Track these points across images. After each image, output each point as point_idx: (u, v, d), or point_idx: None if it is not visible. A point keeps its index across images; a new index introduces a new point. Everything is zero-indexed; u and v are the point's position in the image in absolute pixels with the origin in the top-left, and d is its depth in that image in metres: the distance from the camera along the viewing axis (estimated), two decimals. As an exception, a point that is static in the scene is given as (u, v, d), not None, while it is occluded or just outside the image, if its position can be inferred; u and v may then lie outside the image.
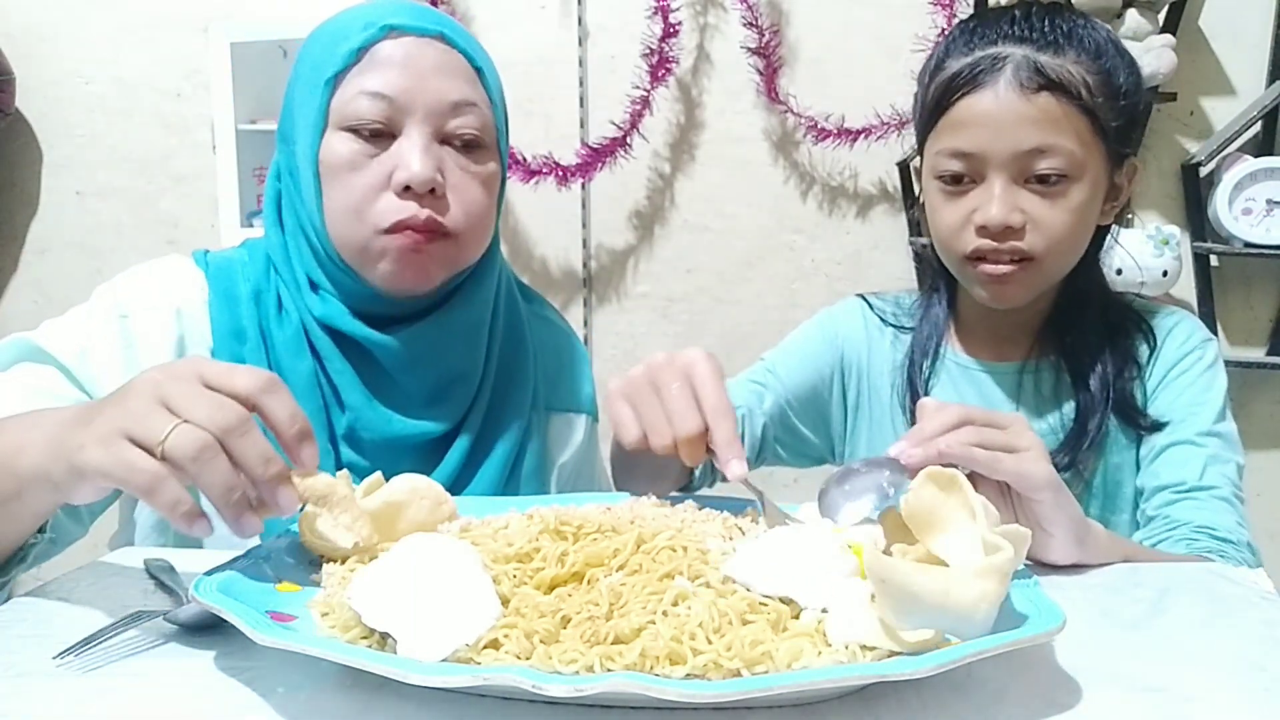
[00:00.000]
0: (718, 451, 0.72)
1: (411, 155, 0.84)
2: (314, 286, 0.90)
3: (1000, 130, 0.91)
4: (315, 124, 0.86)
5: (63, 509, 0.78)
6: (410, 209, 0.84)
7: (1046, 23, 0.92)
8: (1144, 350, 1.01)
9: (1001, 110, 0.91)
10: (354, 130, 0.85)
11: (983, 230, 0.93)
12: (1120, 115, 0.94)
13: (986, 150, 0.92)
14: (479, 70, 0.90)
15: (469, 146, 0.88)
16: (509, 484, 0.94)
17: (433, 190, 0.84)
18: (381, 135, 0.85)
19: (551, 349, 1.05)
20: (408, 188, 0.84)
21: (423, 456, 0.91)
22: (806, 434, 1.12)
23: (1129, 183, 0.99)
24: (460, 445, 0.92)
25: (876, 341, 1.11)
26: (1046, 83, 0.90)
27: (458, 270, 0.91)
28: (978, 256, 0.95)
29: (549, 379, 1.03)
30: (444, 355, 0.92)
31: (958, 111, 0.93)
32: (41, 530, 0.72)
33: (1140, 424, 0.98)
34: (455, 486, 0.91)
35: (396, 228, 0.84)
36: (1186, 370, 0.99)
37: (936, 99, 0.95)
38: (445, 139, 0.87)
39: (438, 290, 0.91)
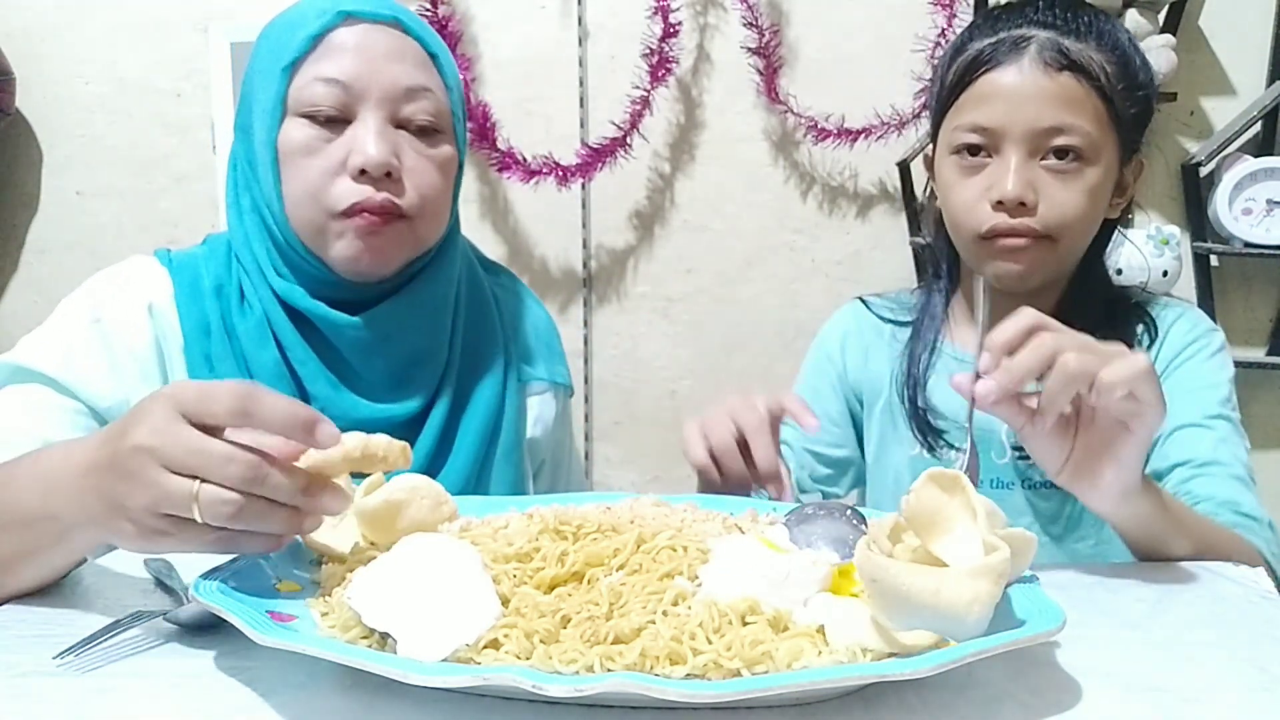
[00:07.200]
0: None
1: (366, 139, 0.85)
2: (275, 271, 0.90)
3: (1021, 105, 0.93)
4: (273, 111, 0.87)
5: None
6: (365, 192, 0.85)
7: (1069, 13, 0.95)
8: (1148, 346, 1.01)
9: (1024, 84, 0.93)
10: (310, 116, 0.86)
11: (999, 206, 0.94)
12: (1136, 104, 0.96)
13: (1005, 125, 0.93)
14: (434, 56, 0.91)
15: (424, 131, 0.89)
16: (486, 460, 0.94)
17: (389, 174, 0.85)
18: (337, 121, 0.86)
19: (524, 322, 1.05)
20: (363, 171, 0.85)
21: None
22: (839, 457, 1.13)
23: (1135, 180, 1.01)
24: (432, 425, 0.93)
25: (874, 341, 1.12)
26: (1069, 63, 0.92)
27: (416, 254, 0.91)
28: (992, 235, 0.95)
29: (523, 352, 1.03)
30: (406, 337, 0.92)
31: (979, 86, 0.95)
32: None
33: None
34: (432, 466, 0.91)
35: (352, 211, 0.85)
36: (1191, 358, 1.00)
37: (958, 76, 0.97)
38: (400, 124, 0.88)
39: (398, 274, 0.91)
